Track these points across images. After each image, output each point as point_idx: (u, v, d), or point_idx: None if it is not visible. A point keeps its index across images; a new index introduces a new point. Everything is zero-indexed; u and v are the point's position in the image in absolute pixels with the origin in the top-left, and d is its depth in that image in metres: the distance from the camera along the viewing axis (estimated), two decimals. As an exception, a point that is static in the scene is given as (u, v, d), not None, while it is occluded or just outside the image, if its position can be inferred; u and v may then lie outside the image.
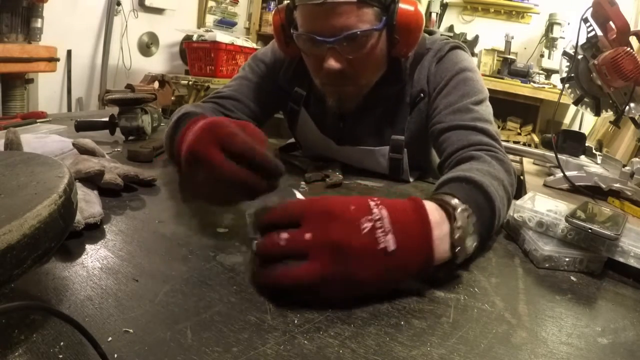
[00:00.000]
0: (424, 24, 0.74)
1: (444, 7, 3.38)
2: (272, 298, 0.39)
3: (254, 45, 3.28)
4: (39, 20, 2.07)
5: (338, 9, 0.66)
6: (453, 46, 0.83)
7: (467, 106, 0.75)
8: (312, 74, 0.80)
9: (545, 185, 1.05)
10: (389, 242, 0.39)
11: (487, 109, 0.78)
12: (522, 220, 0.58)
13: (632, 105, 1.01)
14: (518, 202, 0.60)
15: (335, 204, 0.41)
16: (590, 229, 0.50)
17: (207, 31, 3.15)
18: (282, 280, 0.38)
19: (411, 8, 0.70)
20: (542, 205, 0.59)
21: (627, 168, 0.98)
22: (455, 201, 0.46)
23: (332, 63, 0.70)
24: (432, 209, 0.44)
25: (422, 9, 0.73)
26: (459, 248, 0.43)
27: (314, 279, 0.37)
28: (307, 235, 0.38)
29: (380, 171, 0.88)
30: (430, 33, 0.89)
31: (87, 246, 0.46)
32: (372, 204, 0.41)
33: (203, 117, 0.57)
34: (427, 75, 0.82)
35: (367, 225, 0.39)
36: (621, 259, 0.52)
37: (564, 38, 2.92)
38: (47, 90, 2.59)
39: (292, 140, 1.07)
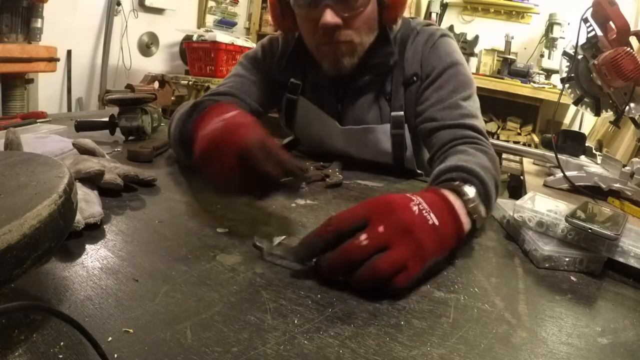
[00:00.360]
0: None
1: (444, 7, 3.38)
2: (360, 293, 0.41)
3: (254, 45, 3.27)
4: (39, 20, 2.07)
5: None
6: (443, 34, 0.88)
7: (456, 102, 0.80)
8: (308, 40, 0.83)
9: (545, 185, 1.05)
10: (433, 218, 0.46)
11: (474, 104, 0.82)
12: (522, 220, 0.58)
13: (632, 105, 1.01)
14: (518, 202, 0.60)
15: (388, 198, 0.47)
16: (590, 229, 0.50)
17: (207, 31, 3.15)
18: (377, 273, 0.41)
19: None
20: (542, 205, 0.59)
21: (627, 168, 0.98)
22: (456, 182, 0.54)
23: (328, 18, 0.74)
24: (445, 191, 0.51)
25: (423, 8, 0.75)
26: (476, 215, 0.52)
27: (403, 261, 0.42)
28: (381, 229, 0.42)
29: (383, 151, 0.89)
30: (412, 19, 0.93)
31: (87, 246, 0.46)
32: (408, 194, 0.48)
33: (227, 106, 0.61)
34: (420, 60, 0.85)
35: (416, 209, 0.46)
36: (621, 259, 0.52)
37: (564, 38, 2.92)
38: (47, 90, 2.59)
39: (291, 138, 1.06)
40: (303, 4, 0.77)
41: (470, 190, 0.52)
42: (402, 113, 0.86)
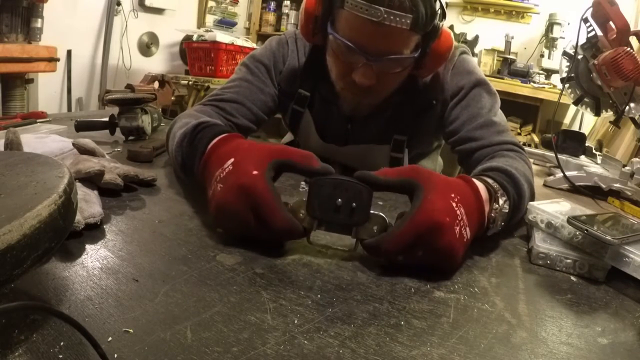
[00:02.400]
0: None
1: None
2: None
3: (254, 45, 3.28)
4: (39, 20, 2.07)
5: (391, 33, 0.65)
6: (462, 51, 0.86)
7: (490, 119, 0.80)
8: (334, 76, 0.79)
9: (545, 185, 1.05)
10: (467, 233, 0.48)
11: (503, 117, 0.83)
12: (535, 220, 0.58)
13: (632, 105, 1.01)
14: (532, 203, 0.60)
15: (439, 218, 0.47)
16: (587, 230, 0.49)
17: (207, 31, 3.16)
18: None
19: (449, 42, 0.72)
20: (560, 209, 0.58)
21: (627, 168, 0.97)
22: (496, 186, 0.55)
23: (364, 79, 0.70)
24: (482, 189, 0.53)
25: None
26: (492, 225, 0.53)
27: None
28: (420, 253, 0.46)
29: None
30: None
31: (87, 246, 0.46)
32: (452, 202, 0.47)
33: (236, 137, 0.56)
34: (442, 85, 0.83)
35: (457, 230, 0.47)
36: (626, 269, 0.50)
37: (564, 38, 2.93)
38: (47, 90, 2.59)
39: (291, 138, 1.06)
40: (343, 45, 0.69)
41: (502, 200, 0.54)
42: (404, 137, 0.85)
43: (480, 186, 0.53)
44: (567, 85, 1.11)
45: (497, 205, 0.53)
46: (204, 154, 0.56)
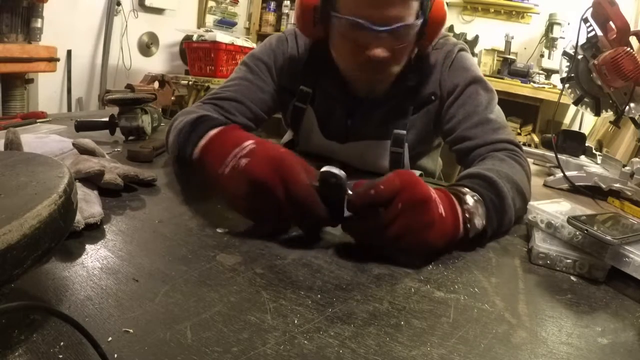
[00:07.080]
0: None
1: (444, 7, 3.38)
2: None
3: (254, 45, 3.27)
4: (39, 20, 2.07)
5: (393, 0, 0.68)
6: (460, 48, 0.86)
7: (486, 117, 0.79)
8: (345, 60, 0.79)
9: (545, 185, 1.05)
10: (442, 208, 0.50)
11: (501, 114, 0.83)
12: (535, 220, 0.58)
13: (632, 105, 1.01)
14: (532, 203, 0.60)
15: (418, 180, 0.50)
16: (587, 230, 0.49)
17: (207, 31, 3.16)
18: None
19: (443, 9, 0.74)
20: (561, 210, 0.58)
21: (627, 168, 0.97)
22: (465, 189, 0.55)
23: (380, 52, 0.71)
24: (449, 194, 0.54)
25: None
26: (469, 225, 0.53)
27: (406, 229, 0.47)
28: (397, 181, 0.48)
29: (380, 166, 0.88)
30: None
31: (87, 246, 0.46)
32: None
33: (234, 128, 0.61)
34: (438, 79, 0.84)
35: (434, 196, 0.50)
36: (626, 269, 0.50)
37: (564, 38, 2.93)
38: (47, 90, 2.59)
39: (290, 138, 1.06)
40: (354, 23, 0.70)
41: (471, 199, 0.54)
42: (404, 132, 0.85)
43: (446, 190, 0.55)
44: (567, 85, 1.11)
45: (467, 205, 0.53)
46: (201, 138, 0.60)
